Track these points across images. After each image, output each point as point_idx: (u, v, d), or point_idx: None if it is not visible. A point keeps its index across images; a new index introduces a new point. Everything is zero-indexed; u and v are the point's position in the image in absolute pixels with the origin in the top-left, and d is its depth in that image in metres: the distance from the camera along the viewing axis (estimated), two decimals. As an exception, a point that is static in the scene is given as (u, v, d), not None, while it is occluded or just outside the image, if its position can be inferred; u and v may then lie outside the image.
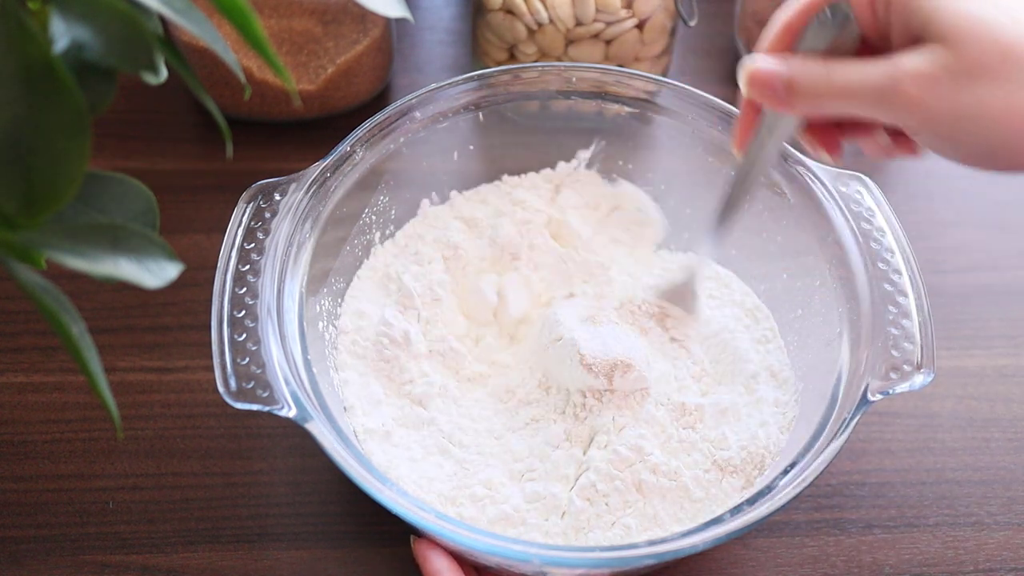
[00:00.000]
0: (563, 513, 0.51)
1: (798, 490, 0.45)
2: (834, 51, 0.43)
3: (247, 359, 0.48)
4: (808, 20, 0.43)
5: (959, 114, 0.37)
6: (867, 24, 0.42)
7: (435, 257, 0.61)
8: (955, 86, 0.37)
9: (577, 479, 0.52)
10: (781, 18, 0.44)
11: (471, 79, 0.60)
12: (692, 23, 0.69)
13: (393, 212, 0.61)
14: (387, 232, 0.62)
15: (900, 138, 0.46)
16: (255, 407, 0.47)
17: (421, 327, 0.58)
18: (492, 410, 0.56)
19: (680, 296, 0.58)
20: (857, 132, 0.46)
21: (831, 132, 0.46)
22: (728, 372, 0.57)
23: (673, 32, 0.72)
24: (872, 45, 0.42)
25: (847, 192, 0.55)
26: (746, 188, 0.50)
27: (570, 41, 0.68)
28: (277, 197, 0.54)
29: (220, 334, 0.49)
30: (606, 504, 0.51)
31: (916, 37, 0.39)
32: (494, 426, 0.55)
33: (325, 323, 0.56)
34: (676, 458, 0.52)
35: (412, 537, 0.49)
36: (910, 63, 0.38)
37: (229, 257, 0.52)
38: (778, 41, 0.44)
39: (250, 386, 0.47)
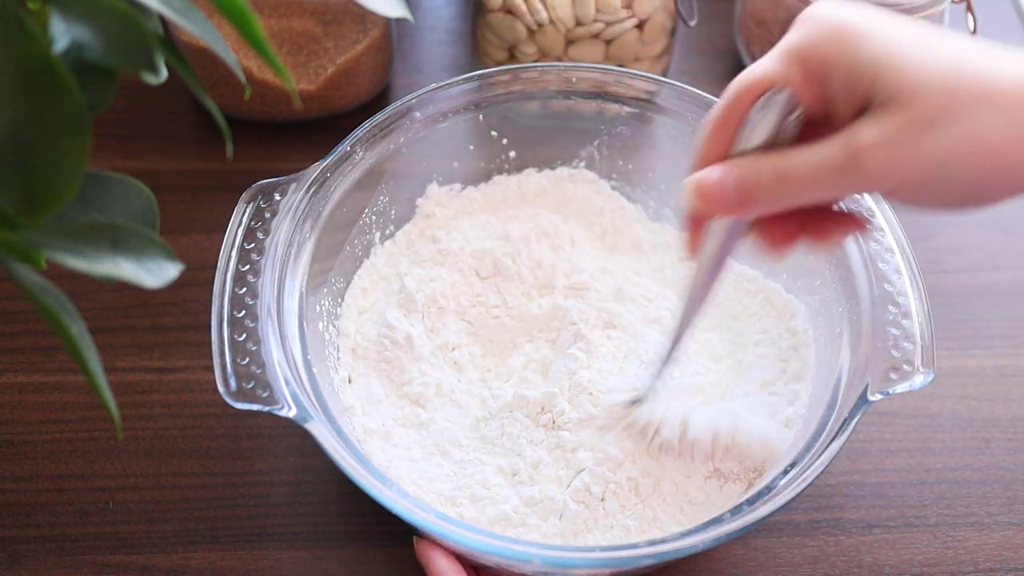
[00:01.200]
0: (560, 515, 0.51)
1: (798, 490, 0.45)
2: (778, 142, 0.40)
3: (247, 359, 0.48)
4: (745, 115, 0.41)
5: (930, 166, 0.37)
6: (808, 103, 0.40)
7: (435, 260, 0.61)
8: (917, 141, 0.37)
9: (570, 482, 0.52)
10: (713, 118, 0.41)
11: (471, 79, 0.60)
12: (692, 23, 0.69)
13: (393, 212, 0.61)
14: (387, 232, 0.62)
15: (852, 220, 0.44)
16: (255, 407, 0.47)
17: (423, 329, 0.58)
18: (488, 412, 0.56)
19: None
20: (812, 225, 0.43)
21: (784, 226, 0.43)
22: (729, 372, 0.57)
23: (673, 32, 0.72)
24: (815, 124, 0.40)
25: (847, 192, 0.55)
26: (704, 294, 0.46)
27: (570, 41, 0.68)
28: (277, 197, 0.54)
29: (220, 334, 0.49)
30: (603, 508, 0.50)
31: (862, 104, 0.38)
32: (491, 428, 0.55)
33: (325, 323, 0.56)
34: (671, 464, 0.52)
35: (415, 537, 0.49)
36: (867, 132, 0.37)
37: (229, 257, 0.52)
38: (715, 144, 0.42)
39: (250, 386, 0.47)
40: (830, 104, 0.40)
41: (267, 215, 0.53)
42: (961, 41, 0.38)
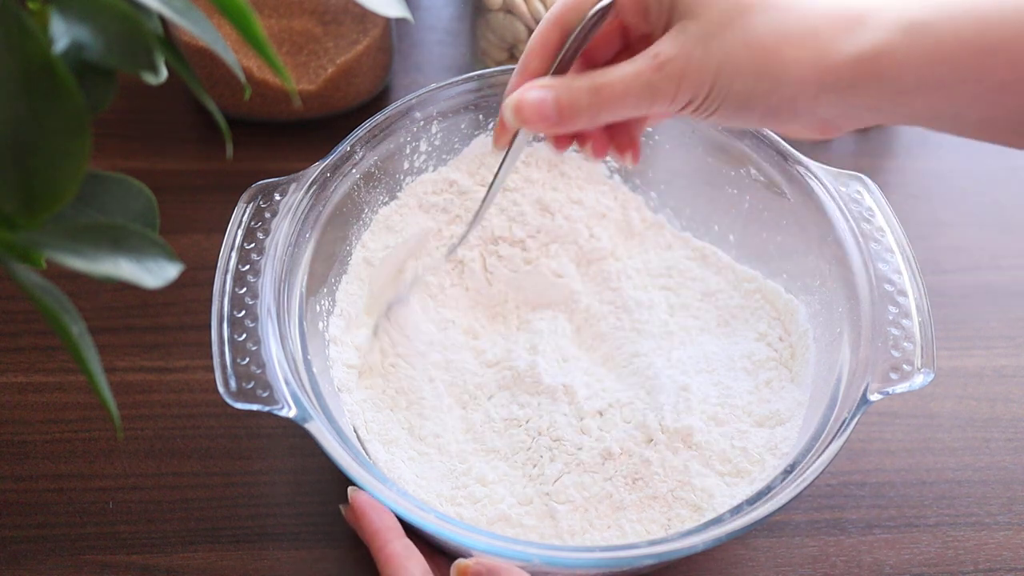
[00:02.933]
0: (551, 515, 0.51)
1: (798, 490, 0.45)
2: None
3: (247, 359, 0.48)
4: (567, 33, 0.43)
5: (713, 72, 0.39)
6: (631, 18, 0.42)
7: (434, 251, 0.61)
8: (704, 48, 0.38)
9: (555, 480, 0.52)
10: (537, 34, 0.43)
11: (471, 79, 0.60)
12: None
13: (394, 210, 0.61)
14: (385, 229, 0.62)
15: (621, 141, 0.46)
16: (255, 407, 0.47)
17: (423, 327, 0.58)
18: (483, 411, 0.56)
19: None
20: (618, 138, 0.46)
21: (600, 138, 0.46)
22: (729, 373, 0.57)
23: (673, 32, 0.72)
24: (635, 45, 0.43)
25: (847, 192, 0.55)
26: (496, 187, 0.51)
27: (570, 41, 0.68)
28: (277, 197, 0.54)
29: (220, 334, 0.49)
30: (595, 508, 0.50)
31: (670, 19, 0.40)
32: (484, 425, 0.55)
33: (325, 323, 0.56)
34: (672, 459, 0.52)
35: (349, 492, 0.46)
36: (666, 45, 0.39)
37: (229, 257, 0.52)
38: (537, 61, 0.44)
39: (250, 386, 0.47)
40: (649, 19, 0.41)
41: (267, 215, 0.53)
42: None
